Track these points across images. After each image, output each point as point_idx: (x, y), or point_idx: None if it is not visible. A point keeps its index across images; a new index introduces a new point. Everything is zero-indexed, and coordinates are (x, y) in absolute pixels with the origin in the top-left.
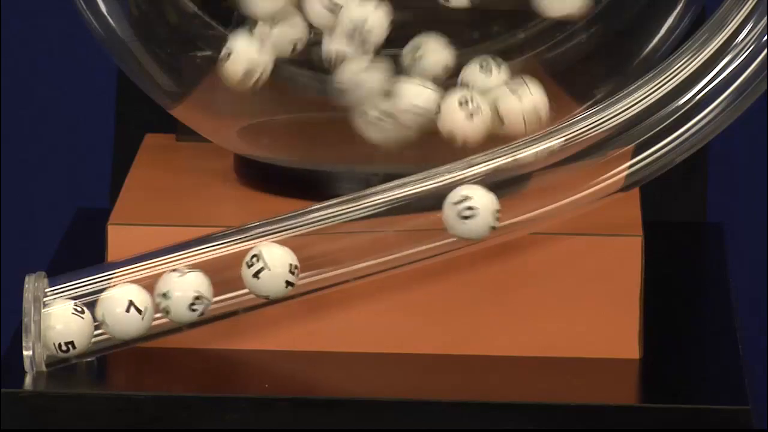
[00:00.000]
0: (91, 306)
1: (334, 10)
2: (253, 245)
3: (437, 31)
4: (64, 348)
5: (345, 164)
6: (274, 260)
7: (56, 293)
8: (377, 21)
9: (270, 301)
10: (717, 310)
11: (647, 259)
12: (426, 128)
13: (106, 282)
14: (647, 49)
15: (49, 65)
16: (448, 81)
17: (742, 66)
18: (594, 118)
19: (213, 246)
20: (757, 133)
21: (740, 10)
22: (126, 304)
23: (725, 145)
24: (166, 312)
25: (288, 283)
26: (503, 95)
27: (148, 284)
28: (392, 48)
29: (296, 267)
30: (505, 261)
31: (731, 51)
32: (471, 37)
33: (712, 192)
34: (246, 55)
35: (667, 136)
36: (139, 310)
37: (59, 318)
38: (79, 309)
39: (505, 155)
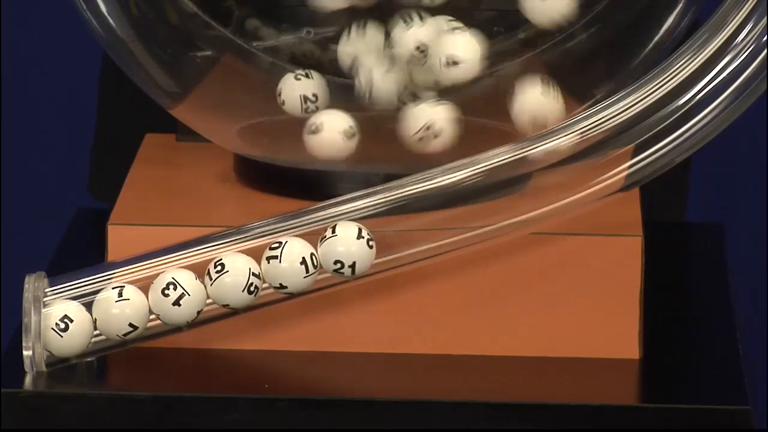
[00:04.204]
0: (89, 307)
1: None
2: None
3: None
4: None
5: (345, 164)
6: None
7: (56, 293)
8: None
9: (269, 302)
10: (717, 310)
11: (647, 259)
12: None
13: (106, 282)
14: (647, 49)
15: (49, 65)
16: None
17: (742, 66)
18: (594, 118)
19: (213, 246)
20: (757, 133)
21: (740, 10)
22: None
23: (725, 145)
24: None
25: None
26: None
27: (147, 284)
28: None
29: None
30: (505, 261)
31: (731, 51)
32: None
33: (712, 192)
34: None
35: (667, 136)
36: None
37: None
38: (62, 326)
39: (505, 155)
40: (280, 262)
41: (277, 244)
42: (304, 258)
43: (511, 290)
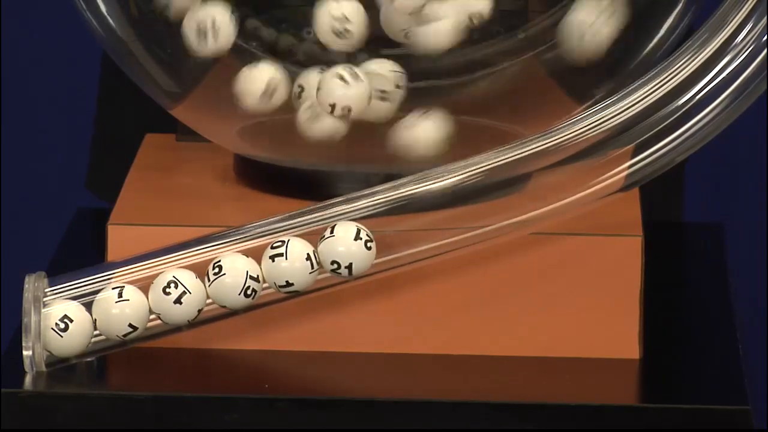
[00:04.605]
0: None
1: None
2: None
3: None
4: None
5: (345, 164)
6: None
7: (56, 293)
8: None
9: (269, 302)
10: (717, 310)
11: (647, 259)
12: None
13: (106, 282)
14: (647, 49)
15: (49, 65)
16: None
17: (742, 66)
18: (594, 118)
19: (213, 246)
20: (757, 133)
21: (740, 10)
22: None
23: (725, 145)
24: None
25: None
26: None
27: (147, 284)
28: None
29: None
30: (505, 261)
31: (731, 51)
32: (471, 37)
33: (711, 192)
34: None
35: (667, 136)
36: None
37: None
38: (62, 326)
39: (505, 155)
40: (285, 258)
41: (279, 243)
42: (308, 254)
43: (511, 290)
